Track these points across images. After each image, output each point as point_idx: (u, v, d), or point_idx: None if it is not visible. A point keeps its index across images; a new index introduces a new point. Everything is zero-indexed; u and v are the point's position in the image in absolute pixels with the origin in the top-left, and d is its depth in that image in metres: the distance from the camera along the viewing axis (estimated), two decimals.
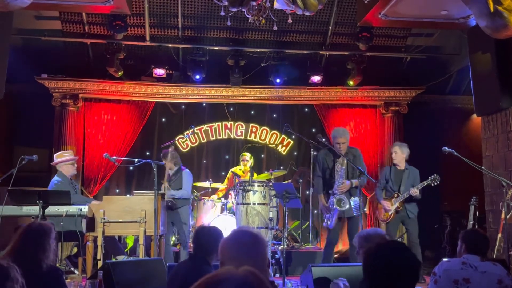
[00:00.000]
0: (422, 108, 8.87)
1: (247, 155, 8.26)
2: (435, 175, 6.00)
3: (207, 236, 3.15)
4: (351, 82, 8.53)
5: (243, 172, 8.19)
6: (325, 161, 6.01)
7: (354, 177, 5.82)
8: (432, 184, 6.01)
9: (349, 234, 6.02)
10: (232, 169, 8.37)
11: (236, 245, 2.16)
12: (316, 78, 8.45)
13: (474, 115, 8.22)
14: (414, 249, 6.12)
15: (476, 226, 6.07)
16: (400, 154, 6.38)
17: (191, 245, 7.40)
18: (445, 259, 3.42)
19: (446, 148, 5.48)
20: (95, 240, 5.52)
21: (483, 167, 6.06)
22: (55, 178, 6.18)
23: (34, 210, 5.32)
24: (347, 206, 5.75)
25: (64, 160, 6.23)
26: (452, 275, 3.02)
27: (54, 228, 3.17)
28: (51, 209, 5.39)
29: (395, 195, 6.29)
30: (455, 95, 9.20)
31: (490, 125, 6.59)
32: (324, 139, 5.86)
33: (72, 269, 6.05)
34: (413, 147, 6.56)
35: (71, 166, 6.25)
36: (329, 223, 5.85)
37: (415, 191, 6.08)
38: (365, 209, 8.59)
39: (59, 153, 6.49)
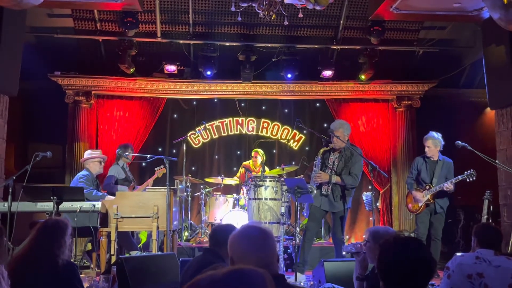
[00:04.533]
0: (435, 102, 8.80)
1: (259, 152, 8.26)
2: (471, 170, 5.75)
3: (222, 232, 3.18)
4: (363, 77, 8.49)
5: (255, 167, 8.22)
6: (324, 155, 5.84)
7: (345, 174, 5.61)
8: (468, 180, 5.77)
9: (332, 230, 5.96)
10: (244, 163, 8.41)
11: (245, 240, 2.17)
12: (327, 73, 8.42)
13: (488, 109, 8.14)
14: (434, 245, 6.03)
15: (490, 221, 6.00)
16: (433, 148, 6.14)
17: (203, 240, 7.49)
18: (458, 254, 3.41)
19: (460, 142, 5.43)
20: (108, 235, 5.58)
21: (497, 161, 5.99)
22: (82, 172, 6.31)
23: (48, 206, 5.38)
24: (312, 195, 5.57)
25: (92, 157, 6.35)
26: (465, 269, 3.01)
27: (70, 224, 3.21)
28: (65, 205, 5.44)
29: (427, 187, 6.11)
30: (469, 89, 9.10)
31: (504, 118, 6.51)
32: (338, 134, 5.73)
33: (88, 263, 6.13)
34: None
35: (98, 164, 6.39)
36: (305, 214, 5.92)
37: (448, 187, 5.88)
38: (377, 204, 8.56)
39: (89, 150, 6.67)
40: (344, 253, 5.27)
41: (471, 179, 5.77)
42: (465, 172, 5.82)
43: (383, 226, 3.15)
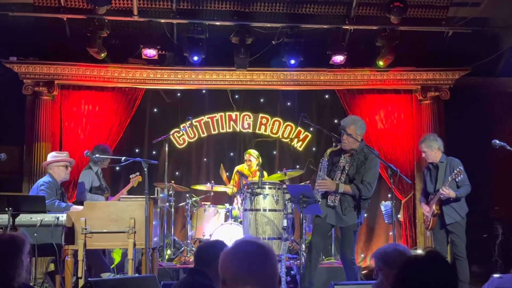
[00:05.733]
0: (467, 93, 8.80)
1: (253, 154, 8.26)
2: (460, 168, 5.96)
3: (210, 249, 3.18)
4: (381, 63, 8.48)
5: (251, 172, 8.21)
6: (333, 157, 5.76)
7: (357, 182, 5.53)
8: (456, 180, 5.95)
9: (340, 248, 5.88)
10: (238, 167, 8.40)
11: (239, 258, 2.15)
12: (338, 58, 8.41)
13: None
14: (459, 265, 6.05)
15: None
16: (429, 152, 6.33)
17: (189, 259, 7.47)
18: (496, 275, 3.41)
19: (497, 141, 5.43)
20: (75, 254, 5.55)
21: None
22: (43, 179, 6.29)
23: (2, 219, 5.34)
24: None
25: (56, 160, 6.32)
26: None
27: (28, 241, 3.19)
28: (23, 218, 5.40)
29: (431, 196, 6.28)
30: (507, 77, 9.11)
31: None
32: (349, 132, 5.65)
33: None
34: (456, 140, 6.54)
35: (63, 169, 6.36)
36: (308, 228, 5.83)
37: (444, 192, 6.01)
38: (398, 216, 8.56)
39: (53, 153, 6.64)
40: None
41: (458, 178, 5.93)
42: (454, 171, 5.97)
43: (390, 244, 3.14)
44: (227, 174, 8.72)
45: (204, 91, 9.12)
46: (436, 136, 6.46)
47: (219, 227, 7.44)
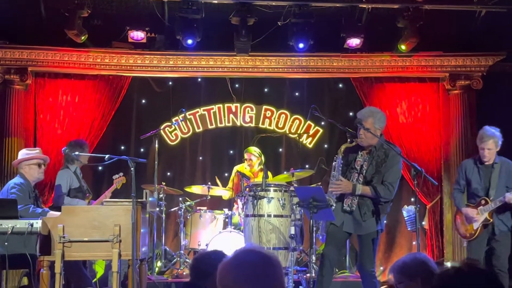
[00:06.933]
0: (502, 81, 8.80)
1: (254, 152, 8.26)
2: None
3: (207, 261, 3.20)
4: (403, 47, 8.49)
5: (252, 172, 8.21)
6: (348, 155, 5.73)
7: (376, 183, 5.52)
8: None
9: (358, 259, 5.85)
10: (237, 167, 8.40)
11: (240, 270, 2.15)
12: (354, 42, 8.42)
13: None
14: (501, 280, 6.05)
15: None
16: (494, 150, 6.17)
17: (182, 272, 7.50)
18: None
19: None
20: (51, 266, 5.53)
21: None
22: (14, 180, 6.28)
23: None
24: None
25: (28, 158, 6.32)
26: None
27: None
28: None
29: (483, 201, 6.16)
30: None
31: None
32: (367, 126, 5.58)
33: None
34: None
35: (36, 168, 6.33)
36: (321, 237, 5.83)
37: (511, 198, 5.93)
38: (423, 223, 8.56)
39: (24, 150, 6.62)
40: None
41: None
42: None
43: (409, 254, 3.14)
44: (226, 174, 8.74)
45: (199, 80, 9.14)
46: (499, 131, 6.25)
47: (216, 235, 7.42)
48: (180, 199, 8.16)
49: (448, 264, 6.49)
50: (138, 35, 8.24)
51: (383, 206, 5.57)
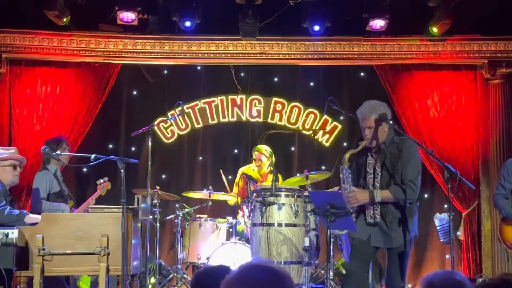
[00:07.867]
0: None
1: (265, 151, 8.23)
2: None
3: (210, 277, 3.16)
4: (434, 30, 8.51)
5: (261, 174, 8.17)
6: (356, 162, 5.72)
7: (396, 183, 5.47)
8: None
9: (386, 275, 5.79)
10: (243, 169, 8.38)
11: (247, 286, 2.16)
12: (378, 24, 8.45)
13: None
14: None
15: None
16: None
17: None
18: None
19: None
20: (29, 282, 5.53)
21: None
22: None
23: None
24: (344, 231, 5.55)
25: (2, 159, 6.28)
26: None
27: None
28: None
29: None
30: None
31: None
32: (392, 121, 5.60)
33: None
34: None
35: (10, 170, 6.29)
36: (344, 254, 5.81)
37: None
38: (458, 233, 8.51)
39: None
40: None
41: None
42: None
43: (439, 272, 3.08)
44: (230, 177, 8.68)
45: (199, 68, 9.17)
46: None
47: (219, 247, 7.44)
48: (177, 205, 8.13)
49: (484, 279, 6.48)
50: (128, 16, 8.26)
51: (408, 208, 5.51)
